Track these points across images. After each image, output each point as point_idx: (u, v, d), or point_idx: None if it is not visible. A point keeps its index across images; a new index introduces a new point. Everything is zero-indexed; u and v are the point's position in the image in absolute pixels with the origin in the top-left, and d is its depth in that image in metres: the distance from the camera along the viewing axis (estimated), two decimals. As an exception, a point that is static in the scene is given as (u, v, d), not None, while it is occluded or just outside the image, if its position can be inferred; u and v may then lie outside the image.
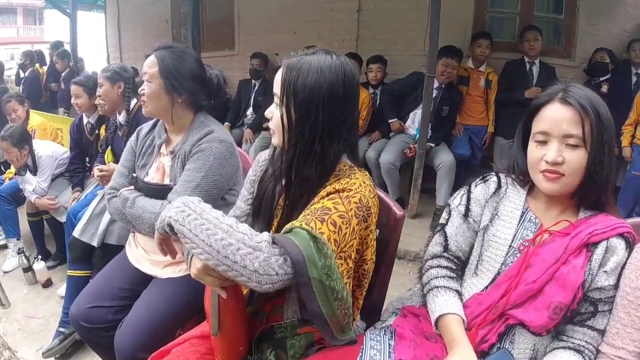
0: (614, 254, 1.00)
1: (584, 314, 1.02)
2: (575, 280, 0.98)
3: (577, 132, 0.99)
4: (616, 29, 4.04)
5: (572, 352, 0.99)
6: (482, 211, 1.15)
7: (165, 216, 0.92)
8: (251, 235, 0.88)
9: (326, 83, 0.99)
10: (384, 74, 3.81)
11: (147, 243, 1.60)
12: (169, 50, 1.52)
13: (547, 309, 0.99)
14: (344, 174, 1.05)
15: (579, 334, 1.02)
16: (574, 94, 1.01)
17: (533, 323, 1.01)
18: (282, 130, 1.04)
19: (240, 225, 0.90)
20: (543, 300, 1.00)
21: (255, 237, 0.89)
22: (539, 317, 1.00)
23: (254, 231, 0.91)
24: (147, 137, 1.67)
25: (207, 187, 1.46)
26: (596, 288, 1.00)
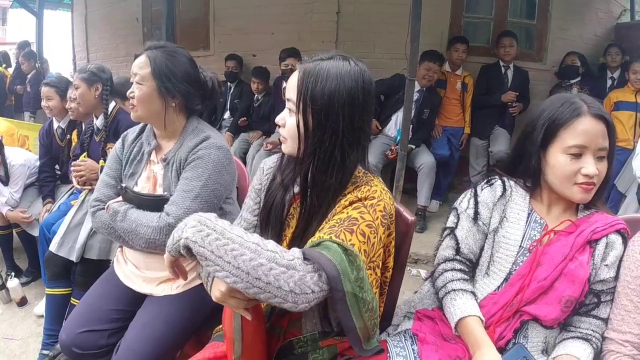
0: (613, 249, 1.10)
1: (589, 305, 1.11)
2: (583, 275, 1.07)
3: (607, 144, 1.07)
4: (587, 33, 4.20)
5: (581, 341, 1.08)
6: (490, 214, 1.19)
7: (180, 237, 0.85)
8: (281, 252, 0.83)
9: (346, 90, 0.96)
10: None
11: (139, 259, 1.50)
12: (161, 49, 1.42)
13: (559, 303, 1.08)
14: (361, 181, 1.03)
15: (586, 323, 1.11)
16: (599, 108, 1.09)
17: (547, 317, 1.08)
18: (297, 138, 1.00)
19: (268, 243, 0.85)
20: (554, 295, 1.08)
21: (285, 254, 0.84)
22: (551, 311, 1.08)
23: (281, 247, 0.86)
24: (134, 144, 1.56)
25: (207, 196, 1.37)
26: (599, 281, 1.10)
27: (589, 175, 1.06)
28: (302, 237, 1.06)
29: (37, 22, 5.27)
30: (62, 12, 6.50)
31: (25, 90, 5.08)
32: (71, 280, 2.11)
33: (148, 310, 1.42)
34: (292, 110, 1.01)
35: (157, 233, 1.32)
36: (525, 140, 1.18)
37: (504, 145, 3.67)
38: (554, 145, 1.10)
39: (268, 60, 4.17)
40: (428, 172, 3.48)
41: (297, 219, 1.10)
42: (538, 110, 1.17)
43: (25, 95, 5.09)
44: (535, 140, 1.14)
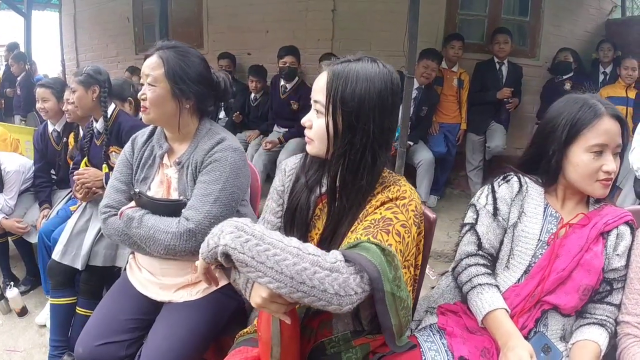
0: (623, 239, 1.18)
1: (602, 293, 1.19)
2: (598, 265, 1.14)
3: (621, 141, 1.15)
4: (578, 29, 4.25)
5: (597, 327, 1.15)
6: (509, 209, 1.24)
7: (217, 244, 0.84)
8: (323, 255, 0.84)
9: (376, 92, 0.96)
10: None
11: (153, 265, 1.45)
12: (173, 50, 1.37)
13: (577, 292, 1.14)
14: (388, 180, 1.04)
15: (600, 310, 1.18)
16: (614, 108, 1.15)
17: (566, 305, 1.15)
18: (326, 140, 1.00)
19: (308, 246, 0.85)
20: (572, 285, 1.15)
21: (327, 257, 0.84)
22: (570, 300, 1.15)
23: (321, 250, 0.86)
24: (144, 147, 1.50)
25: (226, 200, 1.33)
26: (611, 269, 1.17)
27: (610, 172, 1.12)
28: (331, 238, 1.05)
29: (25, 23, 5.13)
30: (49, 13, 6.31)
31: (15, 93, 4.91)
32: (76, 288, 2.05)
33: (168, 318, 1.38)
34: (320, 112, 1.00)
35: (176, 239, 1.28)
36: (544, 140, 1.22)
37: (501, 141, 3.69)
38: (577, 145, 1.15)
39: (263, 58, 4.10)
40: (427, 168, 3.49)
41: (323, 220, 1.09)
42: (553, 111, 1.22)
43: (15, 98, 4.92)
44: (557, 140, 1.18)
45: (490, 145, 3.72)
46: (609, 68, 3.98)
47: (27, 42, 5.15)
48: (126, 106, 2.56)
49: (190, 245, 1.28)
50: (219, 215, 1.30)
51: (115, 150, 2.16)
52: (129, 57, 5.04)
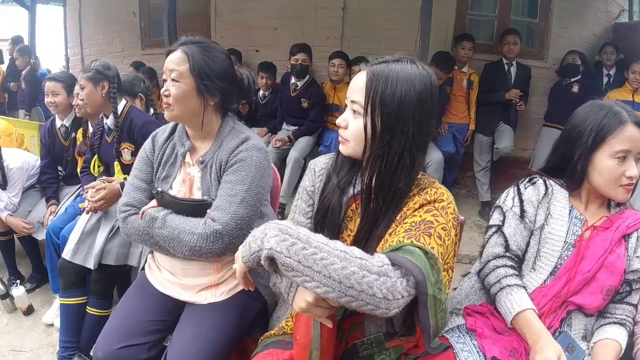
0: None
1: (622, 293, 1.22)
2: (621, 266, 1.18)
3: None
4: (586, 32, 4.22)
5: (617, 326, 1.19)
6: (535, 211, 1.26)
7: (261, 247, 0.83)
8: (369, 259, 0.82)
9: (416, 93, 0.94)
10: (367, 74, 3.69)
11: (174, 266, 1.40)
12: (197, 45, 1.31)
13: (601, 292, 1.18)
14: (424, 183, 1.03)
15: (620, 310, 1.21)
16: (636, 115, 1.19)
17: (590, 306, 1.18)
18: (363, 141, 0.99)
19: (353, 249, 0.83)
20: (596, 286, 1.18)
21: (373, 260, 0.82)
22: (594, 300, 1.18)
23: (366, 253, 0.84)
24: (165, 145, 1.44)
25: (252, 200, 1.29)
26: (632, 271, 1.20)
27: (632, 177, 1.16)
28: (366, 240, 1.03)
29: (30, 17, 5.00)
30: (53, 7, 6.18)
31: (19, 87, 4.79)
32: (86, 288, 1.98)
33: (193, 320, 1.34)
34: (357, 112, 0.99)
35: (203, 240, 1.23)
36: (570, 146, 1.25)
37: (509, 142, 3.65)
38: (601, 151, 1.18)
39: (271, 55, 4.03)
40: (436, 167, 3.44)
41: (355, 221, 1.07)
42: (578, 117, 1.24)
43: (19, 93, 4.80)
44: (582, 146, 1.21)
45: (498, 146, 3.68)
46: (612, 71, 3.98)
47: (31, 36, 5.03)
48: (137, 102, 2.48)
49: (216, 247, 1.24)
50: (245, 216, 1.27)
51: (127, 147, 2.09)
52: (134, 52, 4.94)
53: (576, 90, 3.72)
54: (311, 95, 3.45)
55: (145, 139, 2.01)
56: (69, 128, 2.61)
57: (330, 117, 3.64)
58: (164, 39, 3.57)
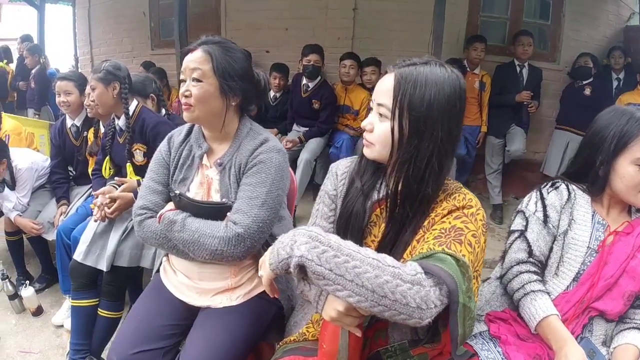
0: None
1: None
2: None
3: None
4: (598, 35, 4.18)
5: (636, 331, 1.19)
6: (559, 217, 1.26)
7: (290, 255, 0.82)
8: (402, 267, 0.80)
9: (445, 97, 0.92)
10: (378, 76, 3.62)
11: (190, 269, 1.36)
12: (217, 44, 1.28)
13: (622, 297, 1.18)
14: (451, 188, 1.01)
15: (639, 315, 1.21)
16: None
17: (612, 311, 1.18)
18: (389, 145, 0.96)
19: (385, 257, 0.82)
20: (618, 291, 1.18)
21: (406, 269, 0.80)
22: (616, 306, 1.18)
23: (397, 261, 0.83)
24: (182, 147, 1.40)
25: (272, 203, 1.26)
26: None
27: None
28: (391, 246, 1.01)
29: (39, 16, 4.98)
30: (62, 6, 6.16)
31: (28, 86, 4.75)
32: (98, 290, 1.94)
33: (208, 324, 1.31)
34: (384, 116, 0.96)
35: (224, 244, 1.20)
36: (591, 151, 1.25)
37: (521, 144, 3.59)
38: (623, 157, 1.18)
39: (281, 56, 3.98)
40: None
41: (380, 227, 1.05)
42: (601, 123, 1.25)
43: (29, 92, 4.76)
44: (605, 152, 1.20)
45: (510, 149, 3.62)
46: (621, 74, 3.94)
47: (40, 35, 5.00)
48: (148, 102, 2.44)
49: (238, 250, 1.21)
50: (266, 219, 1.24)
51: (139, 148, 2.05)
52: (144, 52, 4.90)
53: (588, 93, 3.68)
54: (322, 96, 3.40)
55: (157, 139, 1.99)
56: (80, 128, 2.58)
57: (340, 119, 3.60)
58: (174, 39, 3.53)
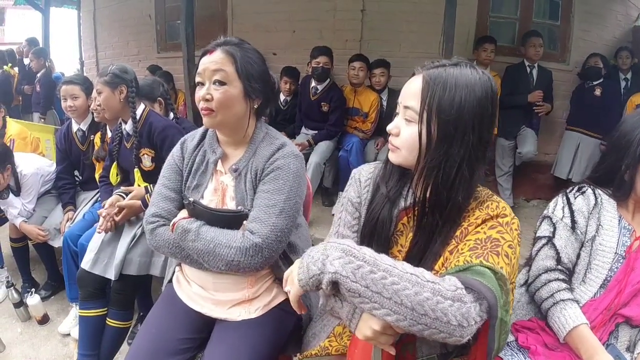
0: None
1: None
2: None
3: None
4: (606, 35, 4.11)
5: None
6: (586, 222, 1.23)
7: (323, 271, 0.77)
8: (441, 282, 0.76)
9: (476, 100, 0.86)
10: (387, 78, 3.56)
11: (205, 279, 1.29)
12: (235, 45, 1.21)
13: None
14: (482, 195, 0.96)
15: None
16: None
17: (638, 317, 1.16)
18: (416, 150, 0.91)
19: (423, 272, 0.77)
20: None
21: (445, 284, 0.76)
22: None
23: (435, 276, 0.78)
24: (195, 152, 1.33)
25: (290, 211, 1.19)
26: None
27: None
28: (420, 257, 0.96)
29: (43, 19, 4.91)
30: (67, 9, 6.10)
31: (34, 90, 4.68)
32: (106, 299, 1.87)
33: (227, 338, 1.24)
34: (411, 119, 0.91)
35: (241, 254, 1.13)
36: (618, 155, 1.22)
37: (533, 146, 3.51)
38: None
39: (289, 59, 3.91)
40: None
41: (407, 236, 1.00)
42: (627, 127, 1.22)
43: (34, 95, 4.68)
44: (630, 156, 1.18)
45: (521, 150, 3.54)
46: (629, 74, 3.87)
47: (45, 39, 4.94)
48: (156, 106, 2.37)
49: (256, 261, 1.14)
50: (284, 228, 1.17)
51: (146, 153, 1.98)
52: (150, 55, 4.84)
53: (598, 93, 3.62)
54: (332, 99, 3.33)
55: (165, 143, 1.92)
56: (86, 132, 2.51)
57: (349, 121, 3.52)
58: (181, 42, 3.46)
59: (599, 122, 3.57)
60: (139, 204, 1.82)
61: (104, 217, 1.82)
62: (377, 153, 3.46)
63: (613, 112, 3.56)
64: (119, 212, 1.80)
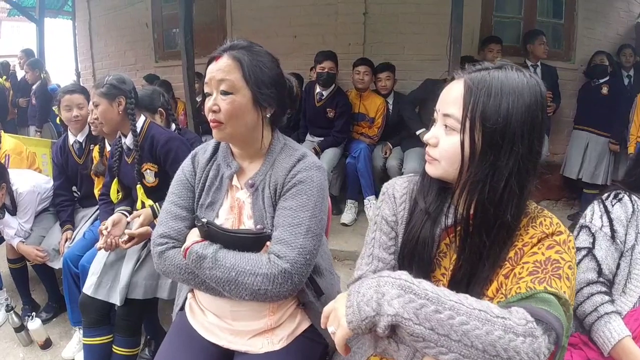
0: None
1: None
2: None
3: None
4: (610, 32, 4.06)
5: None
6: (625, 231, 1.19)
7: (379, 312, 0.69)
8: (509, 316, 0.69)
9: (525, 106, 0.78)
10: (393, 82, 3.45)
11: (222, 307, 1.15)
12: (244, 49, 1.07)
13: None
14: (532, 211, 0.87)
15: None
16: None
17: None
18: (458, 162, 0.82)
19: (490, 305, 0.70)
20: None
21: (514, 318, 0.68)
22: None
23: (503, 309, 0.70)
24: (208, 166, 1.19)
25: (316, 229, 1.06)
26: None
27: None
28: (468, 282, 0.87)
29: (38, 30, 4.75)
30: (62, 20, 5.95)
31: (29, 102, 4.47)
32: (111, 324, 1.74)
33: None
34: (451, 128, 0.82)
35: (269, 282, 1.00)
36: None
37: (544, 147, 3.39)
38: None
39: (291, 64, 3.77)
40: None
41: (450, 257, 0.91)
42: None
43: (30, 108, 4.47)
44: None
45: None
46: (631, 72, 3.82)
47: (39, 50, 4.77)
48: (157, 117, 2.23)
49: (285, 289, 1.01)
50: (312, 250, 1.05)
51: (149, 168, 1.83)
52: (148, 64, 4.70)
53: (605, 92, 3.56)
54: (337, 104, 3.21)
55: (169, 157, 1.78)
56: (83, 144, 2.35)
57: (355, 127, 3.40)
58: (180, 50, 3.33)
59: (607, 120, 3.50)
60: (150, 231, 1.67)
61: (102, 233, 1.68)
62: (385, 159, 3.35)
63: (620, 109, 3.48)
64: (128, 240, 1.65)
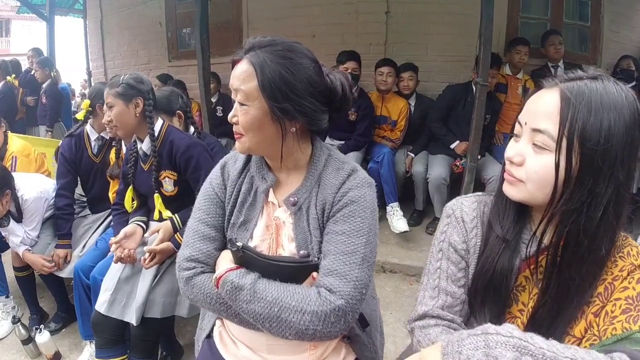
0: None
1: None
2: None
3: None
4: (635, 36, 3.90)
5: None
6: None
7: None
8: None
9: (625, 126, 0.68)
10: (416, 82, 3.26)
11: (257, 340, 0.98)
12: (269, 49, 0.87)
13: None
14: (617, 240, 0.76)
15: None
16: None
17: None
18: (550, 185, 0.71)
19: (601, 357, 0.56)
20: None
21: None
22: None
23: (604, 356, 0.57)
24: (240, 179, 1.01)
25: (370, 256, 0.90)
26: None
27: None
28: (551, 320, 0.77)
29: (48, 28, 4.59)
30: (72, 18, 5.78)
31: (39, 101, 4.26)
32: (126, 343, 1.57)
33: None
34: (542, 146, 0.71)
35: (319, 321, 0.82)
36: None
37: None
38: None
39: (309, 65, 3.59)
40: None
41: (530, 292, 0.81)
42: None
43: (40, 108, 4.26)
44: None
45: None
46: None
47: (50, 48, 4.60)
48: (174, 121, 2.03)
49: (337, 329, 0.84)
50: (367, 282, 0.88)
51: (168, 176, 1.65)
52: (161, 64, 4.53)
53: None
54: (360, 106, 3.01)
55: (190, 165, 1.59)
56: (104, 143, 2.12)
57: (377, 130, 3.21)
58: (195, 50, 3.16)
59: (636, 126, 3.30)
60: (171, 247, 1.52)
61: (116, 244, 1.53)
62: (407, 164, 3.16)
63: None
64: (150, 258, 1.49)
